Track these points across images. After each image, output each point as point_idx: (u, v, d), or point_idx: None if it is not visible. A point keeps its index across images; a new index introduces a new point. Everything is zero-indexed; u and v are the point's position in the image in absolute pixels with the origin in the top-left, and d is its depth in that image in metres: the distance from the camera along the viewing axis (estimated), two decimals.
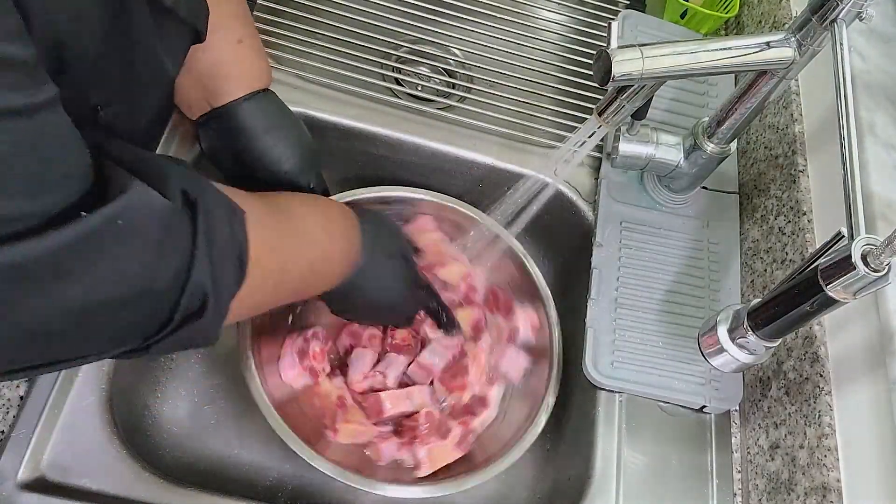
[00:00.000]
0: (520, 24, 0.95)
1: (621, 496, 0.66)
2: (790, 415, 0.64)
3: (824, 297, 0.50)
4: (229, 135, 0.63)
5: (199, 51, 0.60)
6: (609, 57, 0.54)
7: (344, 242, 0.59)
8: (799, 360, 0.65)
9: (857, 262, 0.47)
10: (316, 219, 0.57)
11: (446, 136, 0.82)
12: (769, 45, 0.59)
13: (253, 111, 0.63)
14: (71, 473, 0.58)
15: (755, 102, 0.66)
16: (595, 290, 0.74)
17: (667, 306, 0.74)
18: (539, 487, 0.75)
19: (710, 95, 0.89)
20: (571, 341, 0.74)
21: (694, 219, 0.80)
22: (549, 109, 0.87)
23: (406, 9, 0.91)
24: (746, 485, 0.68)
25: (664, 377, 0.70)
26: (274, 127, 0.64)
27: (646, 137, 0.74)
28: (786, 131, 0.78)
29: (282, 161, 0.64)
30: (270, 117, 0.64)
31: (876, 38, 0.73)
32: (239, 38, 0.62)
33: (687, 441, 0.70)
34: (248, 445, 0.72)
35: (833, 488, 0.57)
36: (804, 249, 0.69)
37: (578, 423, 0.73)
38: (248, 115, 0.63)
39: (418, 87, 0.91)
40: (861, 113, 0.66)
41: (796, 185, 0.73)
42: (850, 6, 0.55)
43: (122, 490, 0.59)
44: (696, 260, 0.78)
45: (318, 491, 0.71)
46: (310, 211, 0.58)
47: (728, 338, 0.60)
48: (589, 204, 0.81)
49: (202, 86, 0.62)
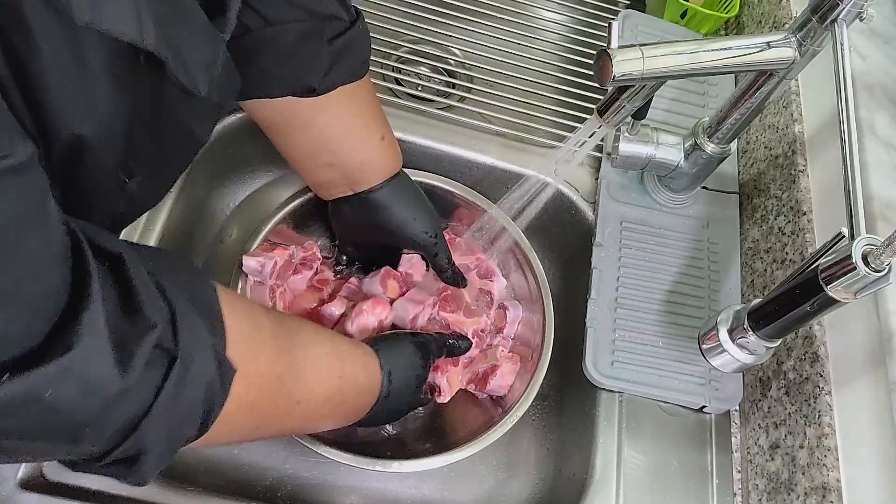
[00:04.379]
0: (520, 24, 0.95)
1: (621, 496, 0.66)
2: (790, 415, 0.64)
3: (825, 298, 0.50)
4: (368, 212, 0.70)
5: (345, 152, 0.66)
6: (609, 57, 0.54)
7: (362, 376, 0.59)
8: (799, 360, 0.65)
9: (857, 262, 0.47)
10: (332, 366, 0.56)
11: (446, 136, 0.82)
12: (769, 45, 0.59)
13: (392, 192, 0.69)
14: (71, 473, 0.58)
15: (755, 102, 0.66)
16: (595, 290, 0.74)
17: (667, 306, 0.74)
18: (539, 487, 0.75)
19: (710, 95, 0.89)
20: (571, 341, 0.74)
21: (694, 219, 0.80)
22: (549, 109, 0.87)
23: (406, 9, 0.91)
24: (746, 485, 0.68)
25: (664, 377, 0.70)
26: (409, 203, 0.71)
27: (646, 137, 0.74)
28: (786, 131, 0.78)
29: (418, 231, 0.71)
30: (406, 195, 0.71)
31: (876, 38, 0.73)
32: (381, 136, 0.68)
33: (687, 441, 0.70)
34: (248, 446, 0.72)
35: (833, 488, 0.57)
36: (804, 249, 0.69)
37: (578, 423, 0.73)
38: (388, 196, 0.69)
39: (418, 87, 0.91)
40: (861, 113, 0.66)
41: (796, 185, 0.73)
42: (850, 6, 0.55)
43: (122, 490, 0.59)
44: (696, 260, 0.77)
45: (317, 491, 0.71)
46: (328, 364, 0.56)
47: (728, 338, 0.60)
48: (589, 204, 0.81)
49: (347, 177, 0.68)
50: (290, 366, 0.49)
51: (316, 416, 0.55)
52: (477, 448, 0.63)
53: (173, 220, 0.73)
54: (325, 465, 0.66)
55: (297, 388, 0.50)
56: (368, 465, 0.62)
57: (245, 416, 0.46)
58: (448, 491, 0.73)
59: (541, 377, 0.69)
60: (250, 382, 0.44)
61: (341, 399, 0.56)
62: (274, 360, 0.47)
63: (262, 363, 0.46)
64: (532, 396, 0.67)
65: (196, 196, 0.78)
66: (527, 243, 0.76)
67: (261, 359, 0.46)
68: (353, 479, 0.72)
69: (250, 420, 0.48)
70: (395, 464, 0.63)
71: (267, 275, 0.70)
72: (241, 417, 0.46)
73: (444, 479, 0.74)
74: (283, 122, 0.64)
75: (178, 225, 0.74)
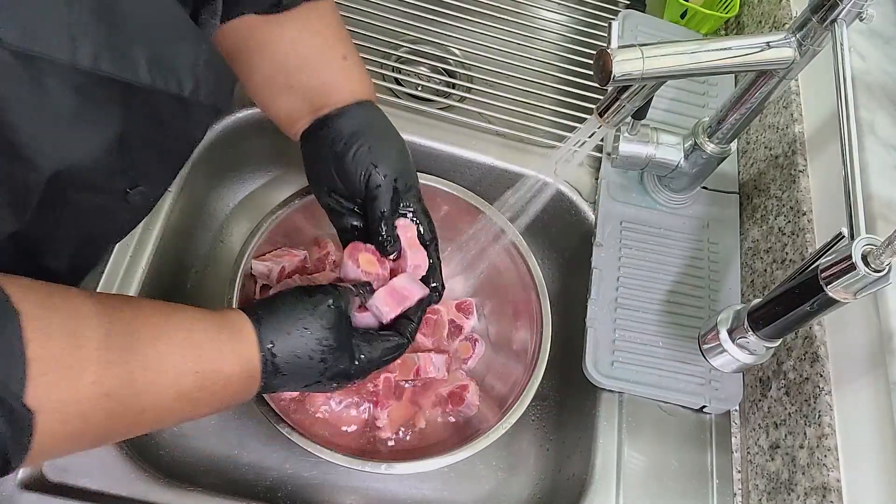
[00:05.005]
0: (520, 24, 0.95)
1: (621, 496, 0.66)
2: (790, 415, 0.64)
3: (825, 298, 0.50)
4: (332, 141, 0.61)
5: (304, 72, 0.62)
6: (609, 57, 0.54)
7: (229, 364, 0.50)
8: (799, 360, 0.65)
9: (857, 262, 0.47)
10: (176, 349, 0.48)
11: (446, 135, 0.82)
12: (769, 45, 0.59)
13: (356, 120, 0.62)
14: (71, 473, 0.59)
15: (755, 102, 0.66)
16: (595, 290, 0.74)
17: (667, 306, 0.74)
18: (539, 487, 0.75)
19: (710, 95, 0.89)
20: (571, 341, 0.75)
21: (694, 219, 0.80)
22: (549, 109, 0.87)
23: (406, 9, 0.91)
24: (746, 485, 0.68)
25: (664, 377, 0.70)
26: (376, 132, 0.62)
27: (646, 137, 0.74)
28: (786, 131, 0.78)
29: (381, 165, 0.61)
30: (373, 122, 0.63)
31: (876, 38, 0.73)
32: (343, 55, 0.63)
33: (687, 441, 0.70)
34: (248, 445, 0.72)
35: (833, 488, 0.57)
36: (804, 249, 0.69)
37: (578, 423, 0.73)
38: (351, 120, 0.62)
39: (418, 87, 0.91)
40: (861, 113, 0.66)
41: (796, 185, 0.73)
42: (850, 6, 0.55)
43: (122, 490, 0.59)
44: (696, 260, 0.78)
45: (317, 491, 0.71)
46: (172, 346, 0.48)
47: (728, 338, 0.60)
48: (589, 204, 0.81)
49: (310, 101, 0.62)
50: (126, 377, 0.44)
51: (173, 416, 0.49)
52: (477, 448, 0.63)
53: (173, 220, 0.73)
54: (325, 465, 0.65)
55: (139, 399, 0.45)
56: (369, 467, 0.61)
57: (72, 443, 0.44)
58: (448, 491, 0.73)
59: (539, 377, 0.68)
60: (68, 412, 0.41)
61: (203, 394, 0.49)
62: (101, 376, 0.43)
63: (83, 386, 0.42)
64: (531, 396, 0.67)
65: (196, 196, 0.78)
66: (523, 243, 0.76)
67: (82, 381, 0.42)
68: (353, 480, 0.72)
69: (81, 443, 0.45)
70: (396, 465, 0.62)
71: (274, 279, 0.70)
72: (68, 445, 0.44)
73: (444, 479, 0.74)
74: (241, 44, 0.62)
75: (177, 225, 0.74)
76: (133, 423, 0.46)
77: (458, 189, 0.77)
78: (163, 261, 0.71)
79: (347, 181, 0.61)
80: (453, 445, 0.64)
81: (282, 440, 0.61)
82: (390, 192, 0.61)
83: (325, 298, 0.54)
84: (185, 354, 0.48)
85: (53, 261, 0.54)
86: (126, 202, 0.52)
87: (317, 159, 0.63)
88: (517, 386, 0.69)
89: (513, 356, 0.75)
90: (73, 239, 0.54)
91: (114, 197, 0.51)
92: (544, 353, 0.69)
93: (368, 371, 0.57)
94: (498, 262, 0.79)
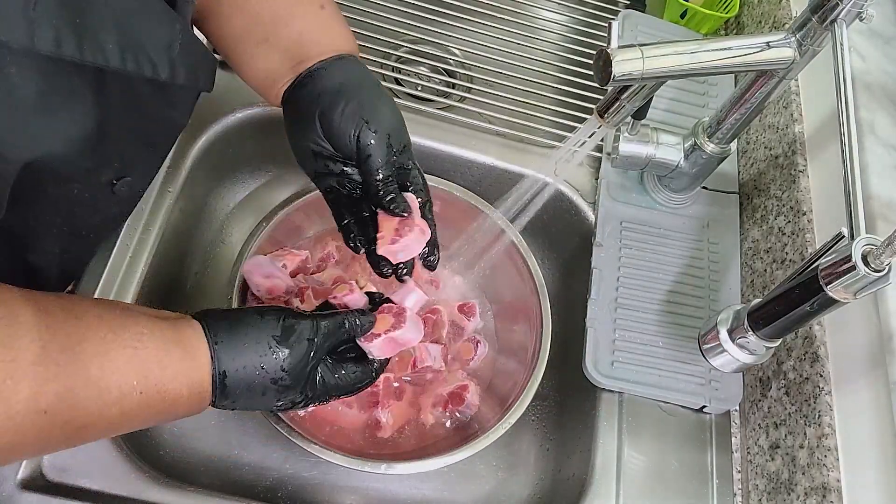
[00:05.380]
0: (520, 24, 0.95)
1: (621, 496, 0.66)
2: (790, 415, 0.64)
3: (825, 298, 0.50)
4: (316, 98, 0.58)
5: (280, 24, 0.58)
6: (609, 57, 0.54)
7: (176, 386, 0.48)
8: (799, 360, 0.65)
9: (857, 262, 0.47)
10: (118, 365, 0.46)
11: (446, 135, 0.82)
12: (769, 45, 0.59)
13: (341, 70, 0.59)
14: (71, 473, 0.58)
15: (755, 102, 0.66)
16: (595, 290, 0.74)
17: (667, 306, 0.74)
18: (539, 487, 0.75)
19: (710, 95, 0.89)
20: (572, 341, 0.74)
21: (694, 219, 0.80)
22: (549, 109, 0.87)
23: (406, 9, 0.91)
24: (746, 485, 0.68)
25: (664, 377, 0.70)
26: (365, 86, 0.59)
27: (646, 137, 0.74)
28: (786, 131, 0.78)
29: (373, 121, 0.57)
30: (360, 76, 0.60)
31: (876, 38, 0.73)
32: (321, 5, 0.60)
33: (687, 441, 0.70)
34: (248, 445, 0.72)
35: (833, 488, 0.57)
36: (804, 249, 0.69)
37: (578, 423, 0.73)
38: (336, 74, 0.58)
39: (418, 86, 0.91)
40: (861, 113, 0.66)
41: (796, 185, 0.73)
42: (850, 6, 0.55)
43: (122, 490, 0.59)
44: (696, 260, 0.78)
45: (317, 491, 0.71)
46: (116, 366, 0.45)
47: (728, 338, 0.60)
48: (589, 204, 0.81)
49: (289, 57, 0.59)
50: (65, 393, 0.42)
51: (118, 431, 0.47)
52: (477, 448, 0.63)
53: (173, 220, 0.72)
54: (325, 465, 0.65)
55: (79, 416, 0.43)
56: (369, 467, 0.61)
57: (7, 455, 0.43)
58: (448, 491, 0.73)
59: (539, 378, 0.68)
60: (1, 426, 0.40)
61: (149, 412, 0.47)
62: (37, 393, 0.41)
63: (16, 401, 0.40)
64: (531, 396, 0.67)
65: (196, 196, 0.78)
66: (524, 243, 0.76)
67: (15, 397, 0.40)
68: (353, 480, 0.72)
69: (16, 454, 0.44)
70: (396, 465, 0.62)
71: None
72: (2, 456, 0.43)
73: (444, 479, 0.74)
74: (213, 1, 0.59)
75: (177, 225, 0.74)
76: (73, 437, 0.45)
77: (458, 189, 0.77)
78: (163, 261, 0.71)
79: (336, 140, 0.57)
80: (453, 445, 0.64)
81: (282, 440, 0.61)
82: (384, 148, 0.57)
83: (295, 332, 0.51)
84: (130, 374, 0.45)
85: (41, 257, 0.53)
86: (113, 194, 0.52)
87: (301, 120, 0.59)
88: (517, 386, 0.69)
89: (513, 356, 0.76)
90: (59, 234, 0.53)
91: (100, 189, 0.51)
92: (544, 353, 0.69)
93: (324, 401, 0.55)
94: (498, 263, 0.79)
